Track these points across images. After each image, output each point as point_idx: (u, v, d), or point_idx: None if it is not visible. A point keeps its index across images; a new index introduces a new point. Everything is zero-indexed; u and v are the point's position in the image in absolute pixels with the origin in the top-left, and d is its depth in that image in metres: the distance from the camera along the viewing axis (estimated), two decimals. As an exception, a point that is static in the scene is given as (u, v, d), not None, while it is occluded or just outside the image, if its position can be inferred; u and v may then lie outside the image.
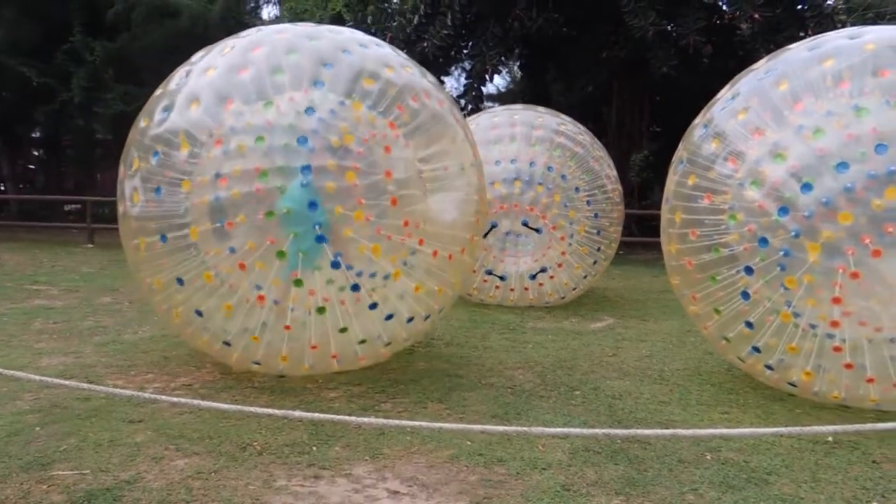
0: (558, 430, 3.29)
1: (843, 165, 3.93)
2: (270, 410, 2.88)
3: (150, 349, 5.73)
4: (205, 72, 4.62)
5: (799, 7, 12.65)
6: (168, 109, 4.57)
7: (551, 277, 7.96)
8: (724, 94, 4.85)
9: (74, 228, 17.63)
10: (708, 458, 3.66)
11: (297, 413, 2.89)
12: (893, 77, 3.93)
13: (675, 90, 15.69)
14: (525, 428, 3.04)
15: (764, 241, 4.22)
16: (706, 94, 14.82)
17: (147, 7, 18.95)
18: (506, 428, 2.94)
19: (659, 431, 3.74)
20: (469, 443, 3.76)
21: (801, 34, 11.91)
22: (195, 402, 2.97)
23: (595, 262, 8.16)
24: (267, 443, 3.70)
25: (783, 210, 4.14)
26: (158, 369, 5.12)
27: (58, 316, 7.06)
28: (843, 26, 10.32)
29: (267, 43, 4.67)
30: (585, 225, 7.89)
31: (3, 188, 22.43)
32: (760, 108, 4.35)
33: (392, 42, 11.83)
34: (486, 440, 3.80)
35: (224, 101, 4.39)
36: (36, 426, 3.87)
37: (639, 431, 3.41)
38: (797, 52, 4.49)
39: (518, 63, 19.34)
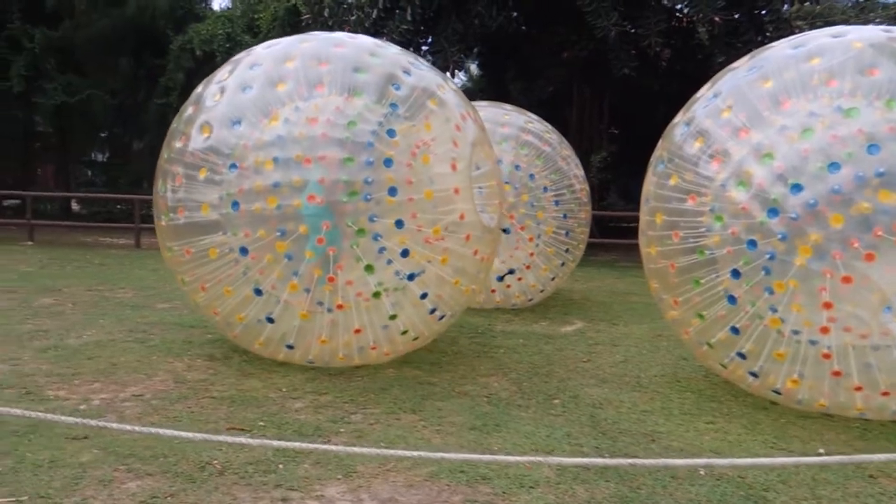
0: (564, 459, 3.04)
1: (834, 166, 3.81)
2: (230, 439, 2.57)
3: (96, 355, 5.29)
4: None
5: (757, 12, 12.77)
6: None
7: (519, 279, 7.76)
8: (705, 92, 4.70)
9: (13, 225, 16.72)
10: (702, 473, 3.47)
11: (256, 442, 2.59)
12: (882, 76, 3.82)
13: (633, 92, 15.73)
14: (519, 458, 2.80)
15: (752, 243, 4.07)
16: (664, 97, 14.80)
17: (91, -7, 18.20)
18: (494, 457, 2.69)
19: (677, 461, 3.54)
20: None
21: (760, 38, 12.02)
22: (147, 429, 2.61)
23: (563, 264, 8.00)
24: (228, 461, 3.37)
25: (771, 212, 4.00)
26: (105, 378, 4.71)
27: (-8, 319, 6.54)
28: (801, 31, 10.42)
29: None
30: (553, 225, 7.71)
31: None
32: (745, 106, 4.21)
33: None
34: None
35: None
36: (-35, 446, 3.46)
37: (638, 461, 3.16)
38: (781, 49, 4.37)
39: (477, 61, 19.18)
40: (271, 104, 4.65)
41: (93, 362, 5.09)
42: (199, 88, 5.19)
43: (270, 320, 4.70)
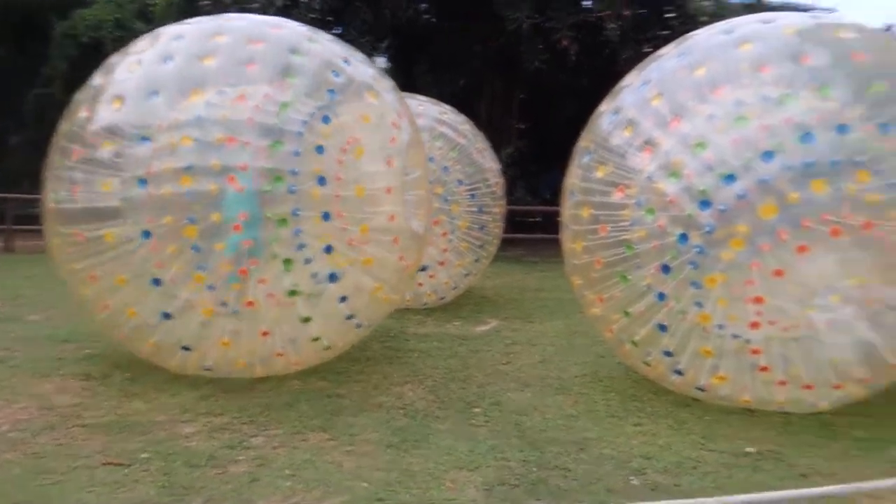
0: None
1: (765, 156, 3.66)
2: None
3: (-51, 378, 4.56)
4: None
5: (664, 7, 12.96)
6: None
7: (431, 277, 7.42)
8: (633, 80, 4.50)
9: None
10: (635, 483, 3.24)
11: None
12: (815, 63, 3.71)
13: (543, 87, 15.71)
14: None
15: (681, 237, 3.89)
16: (573, 92, 14.83)
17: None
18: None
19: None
20: (365, 484, 3.11)
21: (666, 34, 12.16)
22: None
23: (477, 260, 7.73)
24: None
25: (701, 204, 3.82)
26: (-43, 405, 4.03)
27: None
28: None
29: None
30: (468, 220, 7.43)
31: None
32: (675, 94, 4.02)
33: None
34: (385, 479, 3.17)
35: None
36: None
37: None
38: (710, 36, 4.21)
39: (387, 54, 18.72)
40: (195, 80, 4.21)
41: (-56, 386, 4.37)
42: (113, 58, 4.71)
43: (167, 316, 4.19)
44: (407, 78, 17.12)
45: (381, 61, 22.04)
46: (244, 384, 4.49)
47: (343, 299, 4.46)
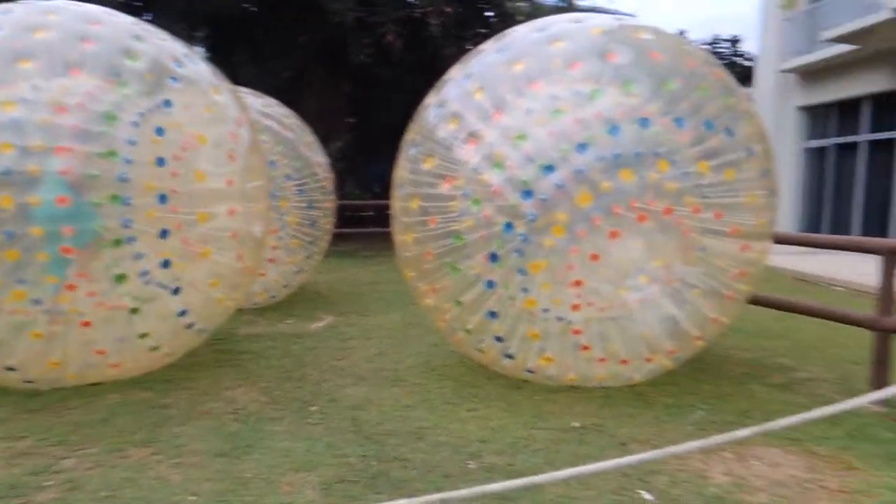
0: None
1: (579, 147, 3.89)
2: None
3: None
4: None
5: (484, 6, 13.41)
6: None
7: (262, 275, 7.15)
8: (456, 74, 4.59)
9: None
10: (472, 467, 3.33)
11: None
12: (619, 61, 3.99)
13: (370, 81, 15.69)
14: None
15: (506, 226, 4.04)
16: (399, 87, 14.94)
17: None
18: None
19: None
20: (193, 498, 2.93)
21: (486, 32, 12.61)
22: None
23: (309, 256, 7.57)
24: None
25: (524, 194, 3.99)
26: None
27: None
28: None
29: None
30: (297, 216, 7.24)
31: None
32: (496, 88, 4.15)
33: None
34: (215, 490, 3.01)
35: None
36: None
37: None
38: (525, 32, 4.39)
39: (204, 44, 17.76)
40: (7, 79, 3.83)
41: None
42: None
43: None
44: (227, 69, 16.39)
45: (199, 52, 20.91)
46: (52, 401, 4.06)
47: (176, 291, 4.24)
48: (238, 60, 15.93)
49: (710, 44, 35.93)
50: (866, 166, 14.77)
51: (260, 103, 7.40)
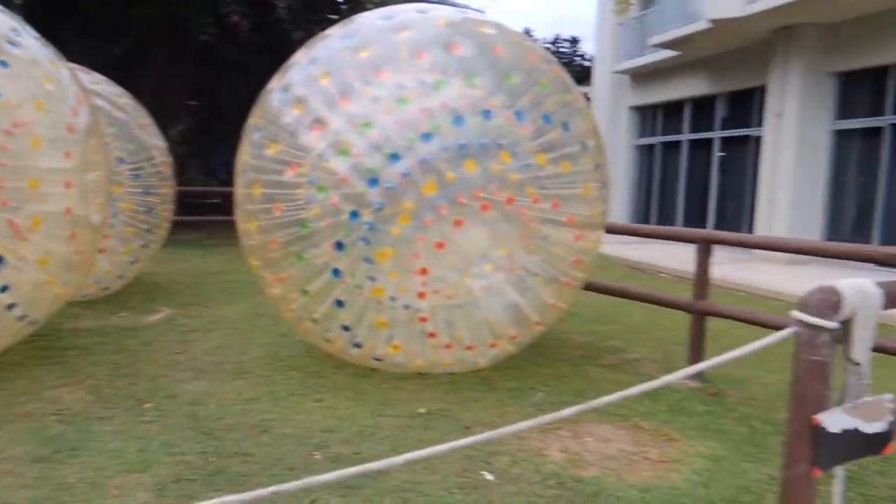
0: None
1: (424, 137, 3.93)
2: None
3: None
4: None
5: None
6: None
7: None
8: (301, 58, 4.48)
9: None
10: (318, 457, 3.29)
11: None
12: (463, 53, 4.07)
13: (214, 62, 14.97)
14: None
15: (352, 214, 4.01)
16: (245, 69, 14.36)
17: None
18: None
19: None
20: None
21: (335, 17, 12.42)
22: None
23: (145, 245, 7.12)
24: None
25: (370, 182, 3.98)
26: None
27: None
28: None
29: None
30: (132, 202, 6.79)
31: None
32: (341, 74, 4.10)
33: None
34: (33, 497, 2.76)
35: None
36: None
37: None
38: (371, 20, 4.37)
39: (22, 12, 16.11)
40: None
41: None
42: None
43: None
44: (54, 43, 15.00)
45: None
46: None
47: (3, 289, 3.89)
48: (64, 35, 14.61)
49: (552, 43, 37.70)
50: (687, 163, 16.15)
51: (87, 80, 6.82)
